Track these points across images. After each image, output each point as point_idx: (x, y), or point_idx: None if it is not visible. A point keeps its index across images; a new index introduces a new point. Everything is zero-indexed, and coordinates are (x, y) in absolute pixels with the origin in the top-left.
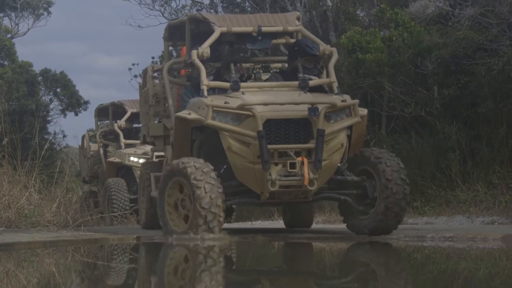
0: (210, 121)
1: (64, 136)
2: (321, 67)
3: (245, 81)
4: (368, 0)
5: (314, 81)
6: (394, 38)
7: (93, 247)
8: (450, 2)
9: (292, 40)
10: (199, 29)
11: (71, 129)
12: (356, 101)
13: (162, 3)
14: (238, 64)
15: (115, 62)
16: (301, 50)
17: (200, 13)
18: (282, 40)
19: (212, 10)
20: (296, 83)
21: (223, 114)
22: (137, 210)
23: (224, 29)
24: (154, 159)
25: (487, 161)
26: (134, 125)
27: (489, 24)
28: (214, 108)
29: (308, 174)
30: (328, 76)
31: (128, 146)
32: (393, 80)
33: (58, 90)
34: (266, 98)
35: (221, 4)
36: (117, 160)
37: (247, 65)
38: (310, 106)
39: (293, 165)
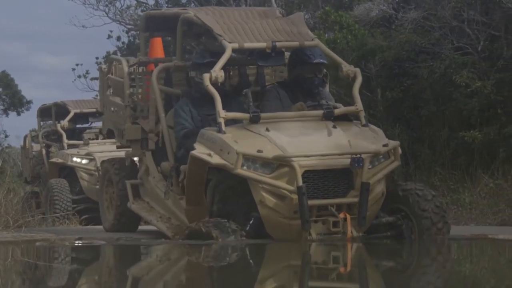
0: (240, 171)
1: (6, 136)
2: (324, 76)
3: (248, 87)
4: (313, 2)
5: (339, 110)
6: (338, 41)
7: (32, 248)
8: (393, 6)
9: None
10: (192, 30)
11: (13, 129)
12: (398, 143)
13: (107, 3)
14: (241, 69)
15: (58, 62)
16: (299, 58)
17: (198, 16)
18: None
19: None
20: (320, 112)
21: (253, 160)
22: (80, 211)
23: (236, 45)
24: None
25: (429, 163)
26: (77, 126)
27: (431, 27)
28: (245, 156)
29: (351, 232)
30: (354, 102)
31: (71, 146)
32: (337, 82)
33: (0, 89)
34: (301, 144)
35: (166, 5)
36: (60, 160)
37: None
38: (353, 155)
39: (336, 224)
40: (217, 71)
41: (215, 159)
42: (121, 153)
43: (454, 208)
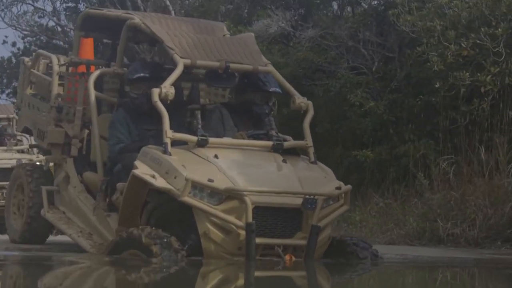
0: (187, 198)
1: None
2: (272, 104)
3: (183, 103)
4: (213, 16)
5: (289, 143)
6: None
7: None
8: (292, 23)
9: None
10: (137, 37)
11: None
12: (349, 187)
13: (3, 7)
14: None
15: None
16: (251, 83)
17: (146, 24)
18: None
19: (54, 18)
20: (269, 143)
21: (200, 188)
22: None
23: (188, 61)
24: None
25: None
26: None
27: (328, 46)
28: (194, 184)
29: None
30: (304, 136)
31: None
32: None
33: None
34: (252, 177)
35: (64, 12)
36: None
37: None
38: (306, 196)
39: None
40: (168, 87)
41: (160, 183)
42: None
43: (345, 226)
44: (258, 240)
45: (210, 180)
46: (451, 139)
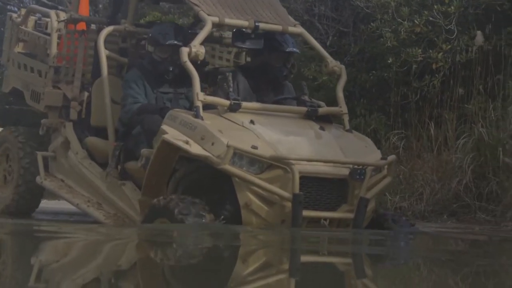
0: (228, 167)
1: None
2: (291, 66)
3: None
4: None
5: (323, 109)
6: None
7: None
8: None
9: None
10: None
11: None
12: (394, 157)
13: None
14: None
15: None
16: (269, 44)
17: None
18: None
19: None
20: (303, 109)
21: (240, 156)
22: None
23: (216, 19)
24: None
25: None
26: None
27: None
28: (236, 151)
29: None
30: (337, 102)
31: None
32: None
33: None
34: (294, 145)
35: None
36: None
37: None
38: (354, 166)
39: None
40: (198, 47)
41: (196, 149)
42: None
43: None
44: (304, 213)
45: (254, 147)
46: (402, 114)
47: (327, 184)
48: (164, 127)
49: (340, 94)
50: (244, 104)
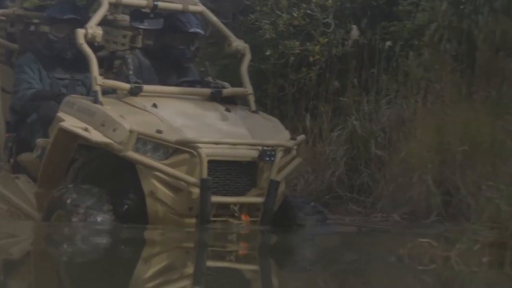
0: (132, 154)
1: None
2: (196, 49)
3: (99, 50)
4: None
5: (228, 90)
6: None
7: None
8: None
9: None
10: None
11: None
12: (303, 137)
13: None
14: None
15: None
16: (171, 24)
17: None
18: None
19: None
20: (207, 91)
21: (144, 142)
22: None
23: None
24: None
25: None
26: None
27: None
28: (140, 136)
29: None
30: (242, 83)
31: None
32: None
33: None
34: (200, 128)
35: None
36: None
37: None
38: (263, 148)
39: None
40: (94, 28)
41: (96, 136)
42: None
43: None
44: (212, 199)
45: (159, 132)
46: (279, 106)
47: (235, 168)
48: (60, 114)
49: (245, 74)
50: (146, 87)
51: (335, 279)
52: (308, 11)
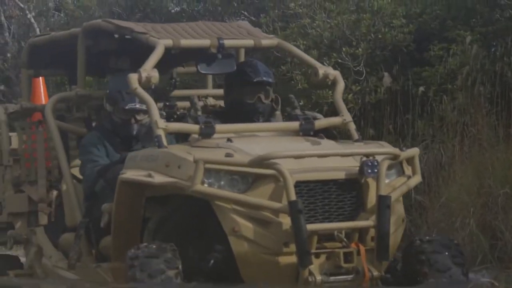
0: (201, 188)
1: None
2: (272, 101)
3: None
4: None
5: (321, 122)
6: None
7: None
8: None
9: None
10: (100, 44)
11: None
12: (417, 150)
13: None
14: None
15: None
16: (237, 77)
17: (108, 20)
18: None
19: None
20: (295, 123)
21: (216, 174)
22: None
23: (170, 42)
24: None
25: None
26: None
27: None
28: (207, 166)
29: (369, 269)
30: (338, 111)
31: None
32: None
33: None
34: (280, 147)
35: None
36: None
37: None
38: (364, 158)
39: (348, 257)
40: (148, 70)
41: (159, 178)
42: None
43: None
44: (310, 227)
45: (228, 155)
46: None
47: (333, 188)
48: (123, 171)
49: (340, 101)
50: (219, 126)
51: None
52: (339, 60)
